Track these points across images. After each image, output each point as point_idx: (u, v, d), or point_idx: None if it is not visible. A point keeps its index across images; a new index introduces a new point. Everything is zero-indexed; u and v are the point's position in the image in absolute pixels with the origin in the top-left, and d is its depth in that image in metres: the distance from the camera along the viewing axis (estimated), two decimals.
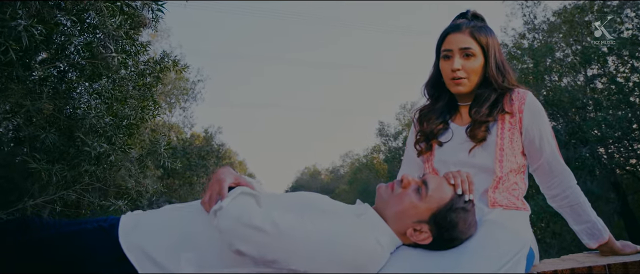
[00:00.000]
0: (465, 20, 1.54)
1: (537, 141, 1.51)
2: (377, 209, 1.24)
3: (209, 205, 1.14)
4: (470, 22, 1.53)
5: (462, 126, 1.56)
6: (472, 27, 1.51)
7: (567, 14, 10.64)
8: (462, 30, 1.50)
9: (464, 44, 1.49)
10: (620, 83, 9.89)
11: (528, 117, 1.50)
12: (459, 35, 1.50)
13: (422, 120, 1.64)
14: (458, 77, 1.50)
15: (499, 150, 1.47)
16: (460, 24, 1.51)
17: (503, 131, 1.49)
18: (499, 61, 1.53)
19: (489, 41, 1.51)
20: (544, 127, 1.52)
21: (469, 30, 1.50)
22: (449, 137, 1.55)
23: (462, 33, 1.49)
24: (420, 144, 1.62)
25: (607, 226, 1.56)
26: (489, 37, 1.52)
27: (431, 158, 1.59)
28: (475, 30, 1.50)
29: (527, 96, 1.52)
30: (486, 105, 1.50)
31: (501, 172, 1.46)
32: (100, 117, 2.97)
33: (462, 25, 1.50)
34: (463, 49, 1.49)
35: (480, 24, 1.53)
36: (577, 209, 1.52)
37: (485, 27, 1.53)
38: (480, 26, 1.52)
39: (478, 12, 1.60)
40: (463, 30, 1.50)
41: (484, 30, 1.52)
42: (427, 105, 1.65)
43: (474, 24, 1.52)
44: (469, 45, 1.49)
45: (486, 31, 1.52)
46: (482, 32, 1.51)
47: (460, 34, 1.49)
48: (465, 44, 1.49)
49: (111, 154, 3.05)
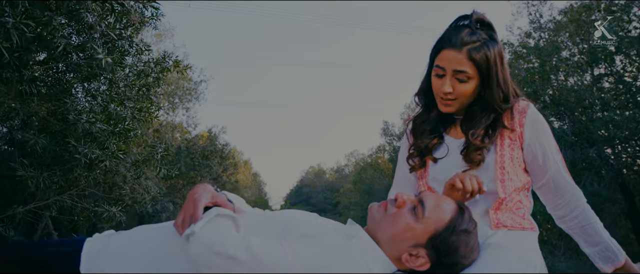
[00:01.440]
0: (466, 32, 1.32)
1: (540, 157, 1.38)
2: (369, 231, 1.11)
3: (181, 228, 1.02)
4: (471, 34, 1.32)
5: (457, 139, 1.43)
6: (471, 47, 1.30)
7: (573, 13, 10.49)
8: (459, 49, 1.30)
9: (459, 67, 1.31)
10: (628, 82, 9.72)
11: (529, 132, 1.37)
12: (454, 53, 1.31)
13: (415, 132, 1.50)
14: (448, 99, 1.36)
15: (499, 169, 1.34)
16: (458, 38, 1.31)
17: (503, 147, 1.36)
18: (500, 80, 1.35)
19: (490, 60, 1.31)
20: (548, 142, 1.39)
21: (466, 49, 1.30)
22: (444, 153, 1.43)
23: (458, 52, 1.30)
24: (413, 159, 1.49)
25: (614, 227, 1.44)
26: (490, 53, 1.32)
27: (425, 175, 1.46)
28: (473, 51, 1.30)
29: (528, 108, 1.39)
30: (483, 125, 1.36)
31: (504, 193, 1.34)
32: (93, 123, 2.88)
33: (459, 42, 1.30)
34: (456, 72, 1.32)
35: (482, 38, 1.32)
36: (588, 230, 1.40)
37: (487, 42, 1.32)
38: (481, 42, 1.31)
39: (484, 15, 1.38)
40: (460, 49, 1.30)
41: (485, 47, 1.31)
42: (420, 114, 1.52)
43: (474, 40, 1.31)
44: (463, 69, 1.31)
45: (487, 47, 1.32)
46: (481, 51, 1.31)
47: (456, 53, 1.31)
48: (460, 66, 1.31)
49: (104, 160, 2.97)
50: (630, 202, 10.69)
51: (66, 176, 2.93)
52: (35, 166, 2.76)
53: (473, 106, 1.40)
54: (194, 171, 16.19)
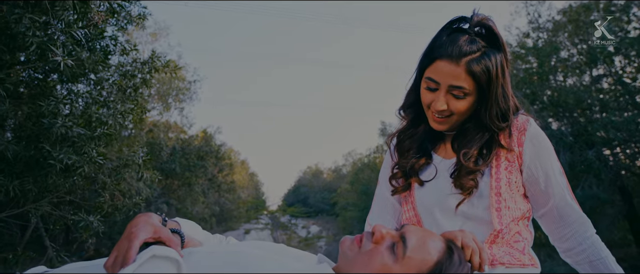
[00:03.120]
0: (465, 40, 1.11)
1: (542, 181, 1.19)
2: (340, 270, 0.93)
3: (111, 269, 0.86)
4: (470, 42, 1.11)
5: (447, 159, 1.25)
6: (470, 59, 1.10)
7: (572, 13, 10.36)
8: (457, 61, 1.10)
9: (455, 82, 1.11)
10: (627, 83, 9.61)
11: (530, 152, 1.18)
12: (451, 66, 1.11)
13: (400, 149, 1.31)
14: (441, 116, 1.18)
15: (495, 196, 1.15)
16: (455, 47, 1.10)
17: (499, 170, 1.17)
18: (500, 96, 1.16)
19: (491, 74, 1.12)
20: (550, 163, 1.20)
21: (465, 62, 1.10)
22: (431, 175, 1.23)
23: (455, 65, 1.10)
24: (397, 180, 1.29)
25: (612, 228, 1.27)
26: (491, 64, 1.12)
27: (410, 200, 1.27)
28: (473, 63, 1.10)
29: (528, 125, 1.20)
30: (476, 144, 1.18)
31: (501, 224, 1.15)
32: (69, 127, 2.72)
33: (457, 52, 1.10)
34: (453, 87, 1.13)
35: (483, 47, 1.12)
36: (599, 266, 1.18)
37: (488, 52, 1.12)
38: (482, 52, 1.12)
39: (487, 18, 1.15)
40: (458, 61, 1.10)
41: (486, 58, 1.11)
42: (406, 129, 1.32)
43: (474, 49, 1.11)
44: (461, 85, 1.12)
45: (488, 58, 1.12)
46: (482, 62, 1.11)
47: (453, 66, 1.10)
48: (457, 81, 1.11)
49: (82, 166, 2.81)
50: (629, 204, 10.59)
51: (41, 183, 2.78)
52: (6, 173, 2.60)
53: (467, 122, 1.22)
54: (189, 171, 16.03)
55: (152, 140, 14.45)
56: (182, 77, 14.59)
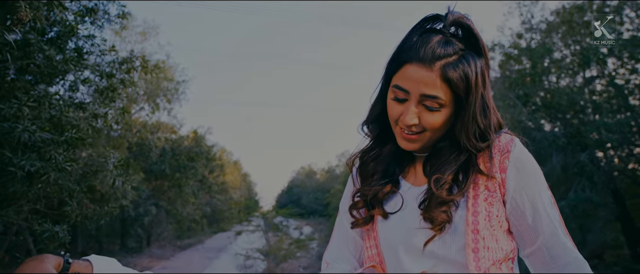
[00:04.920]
0: (438, 40, 0.93)
1: (530, 215, 0.97)
2: None
3: None
4: (445, 44, 0.93)
5: (416, 186, 1.05)
6: (446, 62, 0.92)
7: (565, 14, 10.28)
8: (429, 65, 0.92)
9: (429, 91, 0.93)
10: (619, 85, 9.54)
11: (514, 179, 0.97)
12: (423, 71, 0.92)
13: (363, 173, 1.10)
14: (412, 132, 0.98)
15: (472, 233, 0.94)
16: (427, 49, 0.92)
17: (477, 201, 0.96)
18: (479, 109, 0.97)
19: (470, 81, 0.93)
20: (539, 193, 0.98)
21: (440, 67, 0.92)
22: (397, 206, 1.03)
23: (428, 69, 0.92)
24: (358, 210, 1.08)
25: (605, 230, 1.08)
26: (470, 70, 0.93)
27: (373, 235, 1.05)
28: (449, 67, 0.92)
29: (513, 146, 0.99)
30: (451, 168, 0.98)
31: (478, 268, 0.93)
32: (32, 132, 2.53)
33: (429, 55, 0.92)
34: (425, 97, 0.94)
35: (460, 49, 0.95)
36: None
37: (466, 55, 0.94)
38: (459, 55, 0.94)
39: (463, 16, 0.97)
40: (430, 65, 0.92)
41: (464, 62, 0.93)
42: (370, 147, 1.12)
43: (450, 52, 0.93)
44: (435, 94, 0.93)
45: (466, 62, 0.94)
46: (459, 67, 0.93)
47: (425, 71, 0.92)
48: (431, 90, 0.93)
49: (47, 173, 2.63)
50: (622, 206, 10.53)
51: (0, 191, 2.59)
52: None
53: (440, 140, 1.02)
54: (179, 172, 15.83)
55: (140, 141, 14.24)
56: (170, 78, 14.38)
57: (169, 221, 17.20)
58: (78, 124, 3.07)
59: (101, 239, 13.36)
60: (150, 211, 14.18)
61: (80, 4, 4.17)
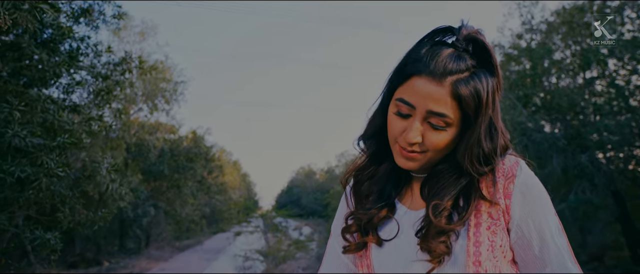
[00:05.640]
0: (449, 54, 0.87)
1: (536, 244, 0.89)
2: None
3: None
4: (458, 59, 0.86)
5: (413, 210, 0.97)
6: (457, 79, 0.85)
7: (566, 15, 10.23)
8: (440, 80, 0.85)
9: (437, 108, 0.86)
10: (620, 87, 9.49)
11: (520, 206, 0.89)
12: (432, 86, 0.85)
13: (357, 193, 1.03)
14: (413, 151, 0.91)
15: (473, 265, 0.87)
16: (438, 62, 0.85)
17: (479, 230, 0.88)
18: (485, 131, 0.89)
19: (481, 101, 0.86)
20: (547, 221, 0.90)
21: (451, 83, 0.85)
22: (393, 233, 0.95)
23: (437, 84, 0.85)
24: (351, 234, 1.01)
25: (605, 231, 1.01)
26: (482, 87, 0.86)
27: (366, 262, 0.98)
28: (461, 84, 0.85)
29: (519, 170, 0.91)
30: (451, 194, 0.90)
31: None
32: (23, 137, 2.47)
33: (440, 69, 0.85)
34: (432, 114, 0.87)
35: (472, 68, 0.88)
36: None
37: (478, 73, 0.87)
38: (471, 73, 0.87)
39: (478, 31, 0.90)
40: (441, 80, 0.85)
41: (476, 79, 0.86)
42: (366, 167, 1.03)
43: (462, 68, 0.86)
44: (443, 112, 0.86)
45: (479, 79, 0.87)
46: (470, 84, 0.86)
47: (435, 86, 0.85)
48: (439, 107, 0.86)
49: (38, 179, 2.57)
50: (622, 208, 10.49)
51: None
52: None
53: (440, 161, 0.95)
54: (178, 173, 15.77)
55: (139, 142, 14.19)
56: (168, 79, 14.33)
57: (167, 222, 17.16)
58: (71, 128, 3.01)
59: (99, 241, 13.31)
60: (148, 212, 14.12)
61: (75, 4, 4.12)
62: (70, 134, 2.83)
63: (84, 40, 4.00)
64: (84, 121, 3.21)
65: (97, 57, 4.46)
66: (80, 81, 4.07)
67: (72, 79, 4.04)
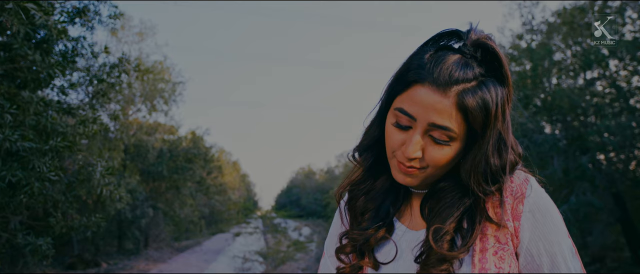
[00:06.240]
0: (456, 61, 0.78)
1: (548, 269, 0.81)
2: None
3: None
4: (465, 66, 0.78)
5: (413, 230, 0.89)
6: (464, 89, 0.77)
7: (566, 15, 10.18)
8: (444, 89, 0.76)
9: (440, 120, 0.77)
10: (621, 87, 9.44)
11: (530, 229, 0.81)
12: (436, 96, 0.76)
13: (352, 210, 0.95)
14: (412, 166, 0.82)
15: None
16: (443, 70, 0.77)
17: (485, 255, 0.80)
18: (493, 147, 0.80)
19: (490, 113, 0.78)
20: (559, 245, 0.82)
21: (456, 93, 0.76)
22: (391, 256, 0.87)
23: (441, 93, 0.76)
24: (346, 255, 0.93)
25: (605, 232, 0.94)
26: (490, 98, 0.78)
27: None
28: (468, 95, 0.77)
29: (529, 188, 0.83)
30: (454, 215, 0.81)
31: None
32: (13, 141, 2.40)
33: (445, 77, 0.76)
34: (434, 127, 0.78)
35: (480, 77, 0.78)
36: None
37: (487, 82, 0.78)
38: (479, 82, 0.78)
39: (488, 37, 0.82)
40: (445, 90, 0.76)
41: (485, 89, 0.78)
42: (362, 181, 0.95)
43: (469, 77, 0.77)
44: (447, 125, 0.77)
45: (488, 89, 0.78)
46: (477, 95, 0.77)
47: (438, 96, 0.76)
48: (442, 120, 0.77)
49: (30, 184, 2.51)
50: (622, 209, 10.44)
51: None
52: None
53: (442, 178, 0.87)
54: (177, 174, 15.71)
55: (137, 142, 14.12)
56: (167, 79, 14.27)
57: (166, 223, 17.09)
58: (65, 131, 2.95)
59: (97, 242, 13.24)
60: (147, 213, 14.06)
61: (70, 4, 4.05)
62: (63, 137, 2.77)
63: (79, 41, 3.94)
64: (78, 123, 3.15)
65: (94, 58, 4.39)
66: (74, 83, 4.01)
67: (67, 81, 3.98)
